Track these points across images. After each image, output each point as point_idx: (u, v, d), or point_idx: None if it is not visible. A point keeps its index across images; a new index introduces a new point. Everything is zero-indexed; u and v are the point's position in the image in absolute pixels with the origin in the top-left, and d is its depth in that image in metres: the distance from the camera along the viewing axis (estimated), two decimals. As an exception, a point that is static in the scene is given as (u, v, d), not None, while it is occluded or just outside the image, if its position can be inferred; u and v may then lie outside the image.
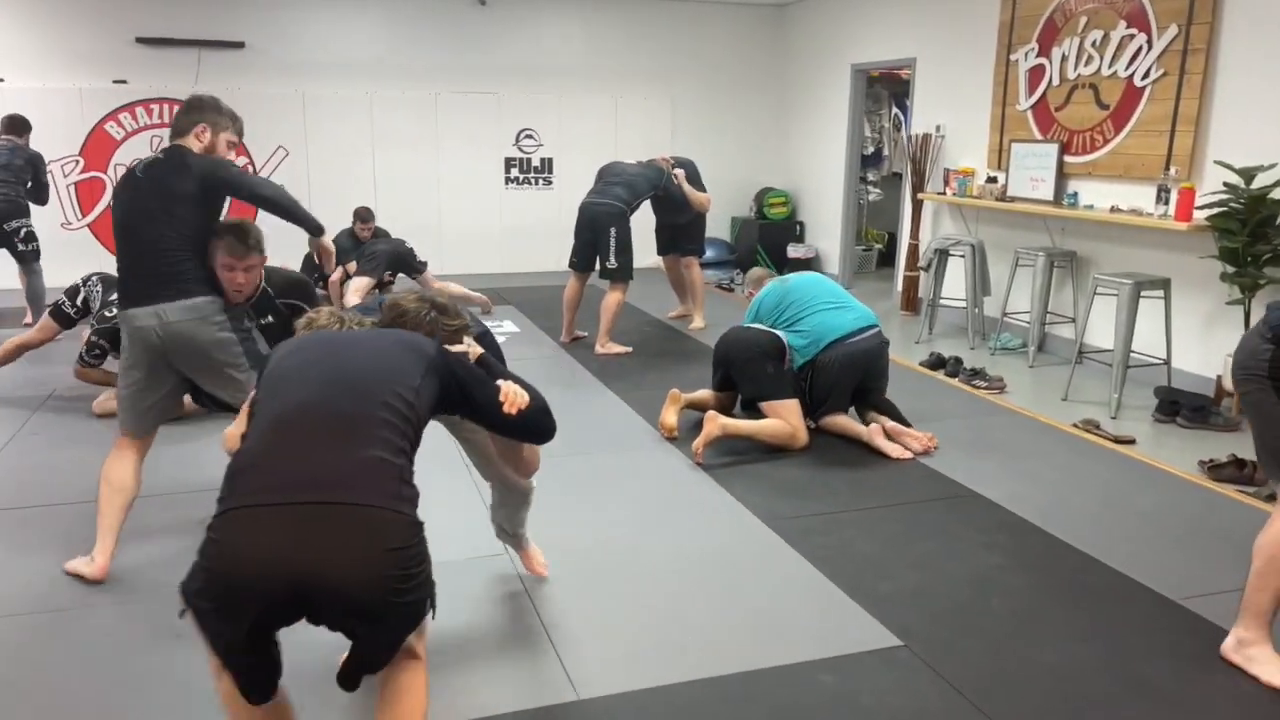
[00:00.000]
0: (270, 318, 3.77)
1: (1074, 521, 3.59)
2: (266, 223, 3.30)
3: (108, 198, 8.43)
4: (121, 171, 8.30)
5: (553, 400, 2.37)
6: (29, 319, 6.50)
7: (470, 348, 2.39)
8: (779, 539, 3.43)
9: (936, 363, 5.98)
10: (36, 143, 6.68)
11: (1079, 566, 3.23)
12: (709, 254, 9.85)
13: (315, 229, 3.25)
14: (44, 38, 8.17)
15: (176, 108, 3.50)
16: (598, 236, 6.13)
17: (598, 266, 6.23)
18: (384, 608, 1.74)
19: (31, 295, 6.63)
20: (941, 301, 7.02)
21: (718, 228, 10.03)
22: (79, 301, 4.99)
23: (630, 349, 6.22)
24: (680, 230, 6.90)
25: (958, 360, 5.89)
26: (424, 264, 7.42)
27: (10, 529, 3.47)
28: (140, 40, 8.32)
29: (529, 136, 9.45)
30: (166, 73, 8.40)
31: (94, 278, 5.04)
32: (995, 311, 6.68)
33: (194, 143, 3.12)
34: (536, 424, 2.30)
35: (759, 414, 4.46)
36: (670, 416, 4.61)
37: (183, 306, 3.00)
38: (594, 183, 6.43)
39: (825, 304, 4.63)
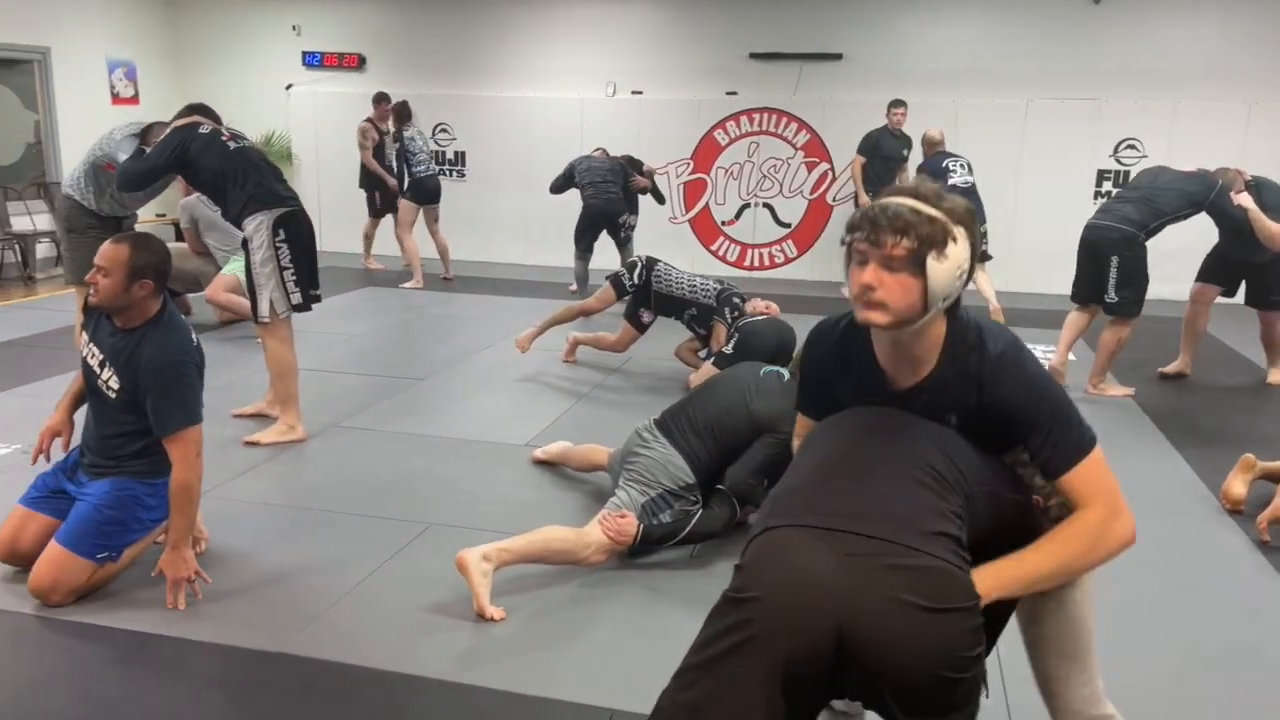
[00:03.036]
0: None
1: None
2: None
3: (708, 197, 9.49)
4: (721, 175, 9.30)
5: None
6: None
7: None
8: (1352, 667, 2.63)
9: None
10: (657, 148, 7.80)
11: None
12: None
13: None
14: (677, 56, 9.42)
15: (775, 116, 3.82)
16: (1099, 265, 5.10)
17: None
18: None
19: None
20: None
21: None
22: (635, 276, 5.44)
23: (1133, 390, 5.29)
24: (1258, 273, 5.35)
25: None
26: None
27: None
28: (753, 55, 9.17)
29: (1130, 147, 8.44)
30: (770, 84, 9.14)
31: (647, 259, 5.53)
32: None
33: None
34: None
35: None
36: (1238, 486, 3.78)
37: None
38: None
39: None
